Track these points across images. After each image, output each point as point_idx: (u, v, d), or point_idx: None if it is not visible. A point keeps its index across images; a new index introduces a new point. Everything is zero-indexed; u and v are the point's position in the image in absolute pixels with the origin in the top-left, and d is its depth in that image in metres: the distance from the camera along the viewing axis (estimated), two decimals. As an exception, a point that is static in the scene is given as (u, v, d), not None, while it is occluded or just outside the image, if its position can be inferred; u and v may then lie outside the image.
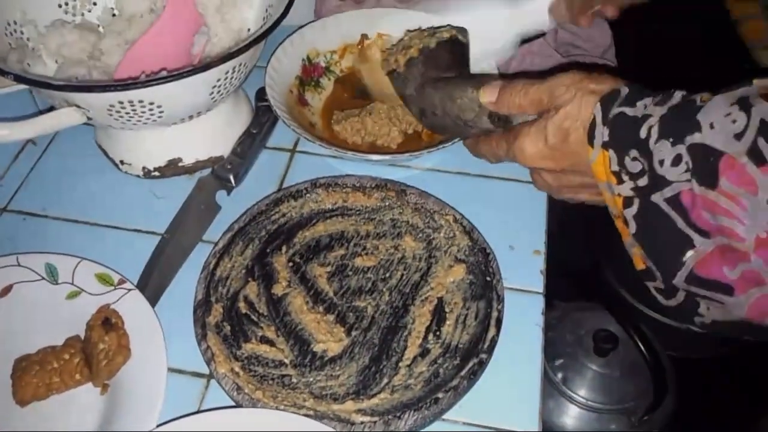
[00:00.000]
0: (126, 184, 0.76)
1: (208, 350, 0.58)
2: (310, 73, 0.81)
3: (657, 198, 0.46)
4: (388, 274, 0.64)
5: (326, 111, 0.81)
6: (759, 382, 0.96)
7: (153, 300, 0.64)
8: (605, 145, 0.49)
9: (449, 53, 0.68)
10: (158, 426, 0.54)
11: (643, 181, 0.47)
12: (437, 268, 0.64)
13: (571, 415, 1.08)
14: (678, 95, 0.47)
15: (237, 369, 0.58)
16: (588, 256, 1.23)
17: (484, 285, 0.62)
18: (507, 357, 0.60)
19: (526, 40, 0.77)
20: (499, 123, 0.59)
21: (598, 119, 0.49)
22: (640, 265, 0.49)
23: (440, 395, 0.55)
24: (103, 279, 0.64)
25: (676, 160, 0.44)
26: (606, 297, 1.07)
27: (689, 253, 0.45)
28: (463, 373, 0.56)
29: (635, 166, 0.47)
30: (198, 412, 0.57)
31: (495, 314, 0.60)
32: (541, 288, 0.65)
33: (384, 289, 0.63)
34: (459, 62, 0.69)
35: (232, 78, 0.68)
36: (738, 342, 1.17)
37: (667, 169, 0.45)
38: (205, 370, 0.59)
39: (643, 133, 0.46)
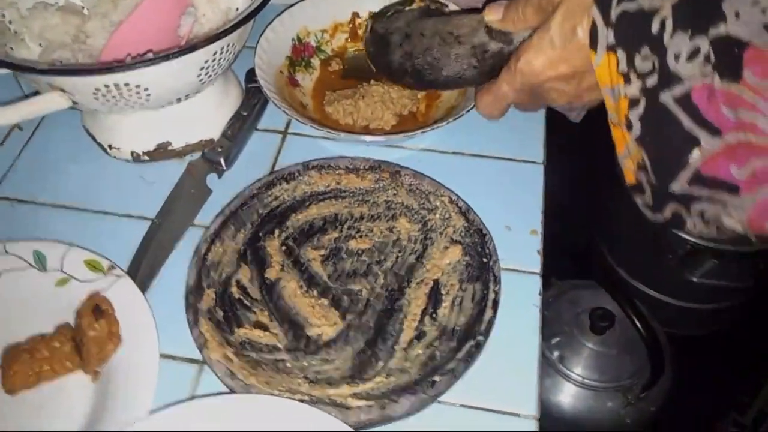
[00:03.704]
0: (115, 169, 0.74)
1: (201, 336, 0.57)
2: (300, 53, 0.80)
3: (666, 97, 0.43)
4: (383, 257, 0.64)
5: (317, 91, 0.79)
6: (754, 357, 0.96)
7: (144, 286, 0.63)
8: (611, 48, 0.45)
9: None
10: (151, 413, 0.54)
11: (652, 80, 0.44)
12: (433, 250, 0.63)
13: (567, 393, 1.08)
14: None
15: (230, 355, 0.57)
16: (585, 235, 1.22)
17: (481, 266, 0.61)
18: (504, 338, 0.59)
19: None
20: (497, 37, 0.57)
21: (599, 21, 0.46)
22: (630, 179, 0.47)
23: (437, 378, 0.54)
24: (93, 265, 0.63)
25: (693, 54, 0.41)
26: (602, 275, 1.07)
27: (695, 152, 0.42)
28: (459, 355, 0.56)
29: (645, 66, 0.44)
30: (191, 398, 0.57)
31: (492, 296, 0.59)
32: (538, 268, 0.64)
33: (379, 272, 0.63)
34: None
35: (219, 59, 0.67)
36: (732, 318, 1.18)
37: (683, 64, 0.42)
38: (198, 356, 0.58)
39: (655, 28, 0.43)
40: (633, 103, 0.45)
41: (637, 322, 1.02)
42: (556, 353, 1.08)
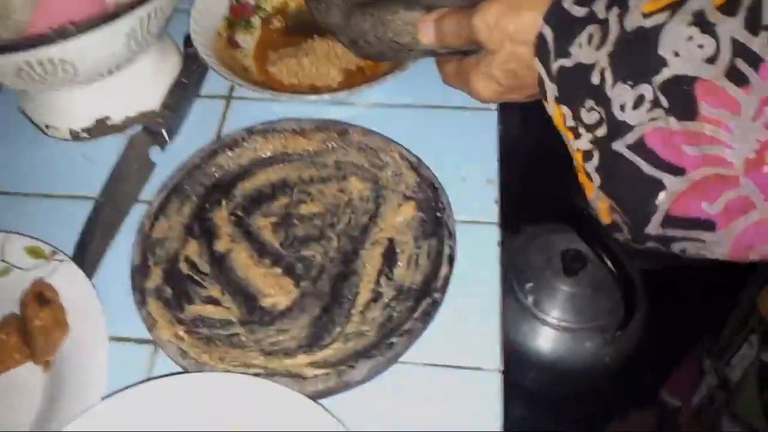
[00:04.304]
0: (54, 149, 0.71)
1: (149, 316, 0.55)
2: (238, 13, 0.77)
3: (618, 146, 0.42)
4: (335, 219, 0.61)
5: (260, 52, 0.76)
6: (729, 285, 0.96)
7: (90, 269, 0.61)
8: (558, 100, 0.45)
9: None
10: (103, 399, 0.52)
11: (601, 131, 0.43)
12: (386, 209, 0.61)
13: (545, 336, 1.08)
14: (612, 18, 0.42)
15: (181, 333, 0.55)
16: (550, 178, 1.21)
17: (435, 221, 0.59)
18: (464, 292, 0.58)
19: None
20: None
21: (544, 76, 0.45)
22: (605, 219, 0.46)
23: (394, 339, 0.53)
24: (34, 252, 0.61)
25: (639, 102, 0.40)
26: (572, 217, 1.05)
27: (661, 195, 0.41)
28: (416, 315, 0.54)
29: (592, 117, 0.43)
30: (146, 380, 0.55)
31: (447, 251, 0.57)
32: (495, 218, 0.63)
33: (332, 235, 0.61)
34: None
35: (148, 26, 0.63)
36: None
37: (629, 113, 0.41)
38: (151, 337, 0.57)
39: (595, 80, 0.42)
40: (587, 155, 0.44)
41: (608, 262, 1.01)
42: (530, 298, 1.07)
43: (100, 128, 0.71)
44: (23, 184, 0.69)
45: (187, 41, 0.75)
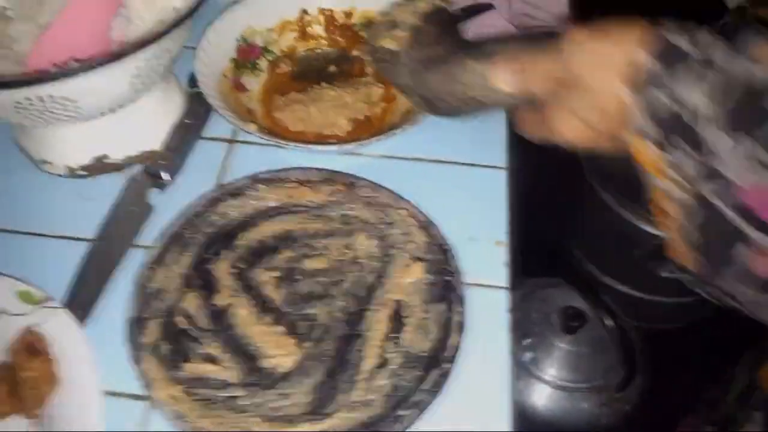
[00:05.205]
0: (49, 186, 0.69)
1: (145, 375, 0.53)
2: (246, 55, 0.75)
3: (710, 193, 0.39)
4: (340, 277, 0.59)
5: (266, 96, 0.74)
6: (728, 350, 0.95)
7: (82, 316, 0.58)
8: (645, 136, 0.41)
9: (436, 25, 0.60)
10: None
11: (691, 173, 0.40)
12: (393, 269, 0.59)
13: (542, 395, 1.06)
14: (718, 56, 0.38)
15: (178, 394, 0.52)
16: (552, 232, 1.20)
17: (444, 285, 0.58)
18: (473, 360, 0.56)
19: (475, 12, 0.71)
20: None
21: (633, 106, 0.42)
22: (675, 256, 0.44)
23: (402, 412, 0.51)
24: (25, 297, 0.58)
25: (736, 153, 0.38)
26: (571, 272, 1.04)
27: (746, 251, 0.39)
28: (425, 386, 0.52)
29: (681, 157, 0.40)
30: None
31: (457, 318, 0.55)
32: (504, 282, 0.61)
33: (337, 294, 0.58)
34: (448, 31, 0.60)
35: (154, 65, 0.61)
36: (703, 311, 1.17)
37: (726, 162, 0.38)
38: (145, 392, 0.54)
39: (691, 121, 0.39)
40: (671, 193, 0.41)
41: (608, 321, 1.00)
42: (528, 355, 1.05)
43: (99, 166, 0.68)
44: (15, 221, 0.66)
45: (192, 80, 0.73)
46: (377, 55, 0.60)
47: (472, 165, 0.68)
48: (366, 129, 0.71)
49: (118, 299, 0.59)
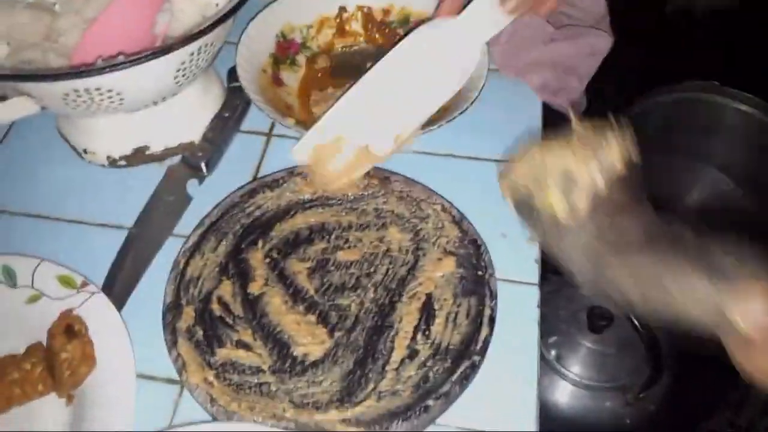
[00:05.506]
0: (90, 175, 0.71)
1: (179, 358, 0.54)
2: (285, 51, 0.76)
3: None
4: (372, 269, 0.60)
5: (304, 91, 0.75)
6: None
7: (120, 302, 0.60)
8: None
9: (625, 194, 0.46)
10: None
11: None
12: (425, 262, 0.60)
13: (565, 392, 1.06)
14: None
15: (211, 378, 0.54)
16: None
17: (476, 280, 0.58)
18: (501, 354, 0.56)
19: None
20: None
21: None
22: None
23: (430, 402, 0.51)
24: (65, 281, 0.60)
25: None
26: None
27: None
28: (454, 377, 0.53)
29: None
30: (170, 427, 0.53)
31: (488, 312, 0.56)
32: (535, 279, 0.61)
33: (369, 285, 0.59)
34: (635, 198, 0.47)
35: (197, 60, 0.63)
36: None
37: None
38: (178, 376, 0.55)
39: None
40: None
41: (636, 321, 1.00)
42: (553, 352, 1.05)
43: (139, 157, 0.70)
44: (57, 208, 0.68)
45: (231, 75, 0.75)
46: (529, 212, 0.49)
47: (505, 161, 0.69)
48: (401, 125, 0.71)
49: (155, 285, 0.61)
